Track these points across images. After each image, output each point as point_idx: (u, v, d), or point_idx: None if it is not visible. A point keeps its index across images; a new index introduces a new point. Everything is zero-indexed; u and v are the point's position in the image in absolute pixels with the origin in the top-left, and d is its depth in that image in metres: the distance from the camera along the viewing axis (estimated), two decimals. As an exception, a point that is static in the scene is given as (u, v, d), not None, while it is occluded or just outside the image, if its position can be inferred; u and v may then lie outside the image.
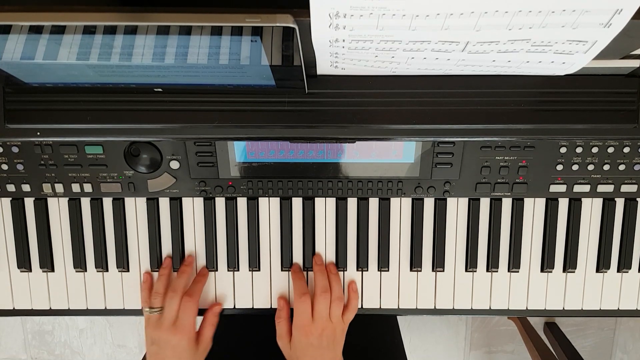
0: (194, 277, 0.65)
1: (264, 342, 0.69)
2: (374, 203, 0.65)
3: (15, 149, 0.61)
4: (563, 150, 0.61)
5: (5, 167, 0.62)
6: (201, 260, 0.66)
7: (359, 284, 0.66)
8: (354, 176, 0.63)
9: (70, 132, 0.58)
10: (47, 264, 0.65)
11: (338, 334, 0.61)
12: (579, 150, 0.61)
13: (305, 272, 0.66)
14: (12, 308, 0.67)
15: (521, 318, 1.32)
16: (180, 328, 0.59)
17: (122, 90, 0.56)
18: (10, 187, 0.63)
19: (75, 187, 0.63)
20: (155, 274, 0.65)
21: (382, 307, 0.67)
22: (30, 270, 0.66)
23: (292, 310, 0.65)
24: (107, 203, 0.64)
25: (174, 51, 0.44)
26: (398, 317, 0.91)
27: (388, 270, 0.66)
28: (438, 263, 0.65)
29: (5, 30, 0.40)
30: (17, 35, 0.41)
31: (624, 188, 0.63)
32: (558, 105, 0.57)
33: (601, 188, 0.63)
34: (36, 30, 0.41)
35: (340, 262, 0.65)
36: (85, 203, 0.64)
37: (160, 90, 0.55)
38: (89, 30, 0.41)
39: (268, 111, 0.57)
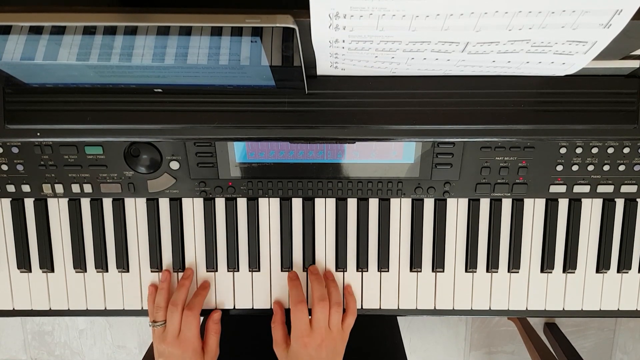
0: (195, 290, 0.65)
1: (264, 342, 0.69)
2: (373, 203, 0.65)
3: (15, 150, 0.61)
4: (563, 150, 0.61)
5: (5, 167, 0.62)
6: (201, 261, 0.66)
7: (359, 285, 0.66)
8: (353, 176, 0.63)
9: (70, 133, 0.58)
10: (47, 264, 0.65)
11: (338, 344, 0.60)
12: (578, 150, 0.61)
13: (305, 273, 0.66)
14: (12, 308, 0.66)
15: (521, 318, 1.32)
16: (184, 341, 0.59)
17: (122, 90, 0.56)
18: (10, 188, 0.63)
19: (75, 188, 0.63)
20: (155, 278, 0.65)
21: (382, 308, 0.66)
22: (30, 271, 0.66)
23: (288, 310, 0.65)
24: (107, 203, 0.64)
25: (174, 52, 0.44)
26: (398, 317, 0.91)
27: (388, 271, 0.66)
28: (438, 263, 0.65)
29: (5, 30, 0.40)
30: (17, 36, 0.41)
31: (624, 188, 0.63)
32: (558, 105, 0.57)
33: (601, 188, 0.63)
34: (36, 30, 0.41)
35: (340, 263, 0.65)
36: (85, 203, 0.64)
37: (160, 90, 0.55)
38: (89, 31, 0.41)
39: (268, 112, 0.57)
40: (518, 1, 0.36)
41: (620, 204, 0.65)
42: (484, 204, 0.65)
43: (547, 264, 0.65)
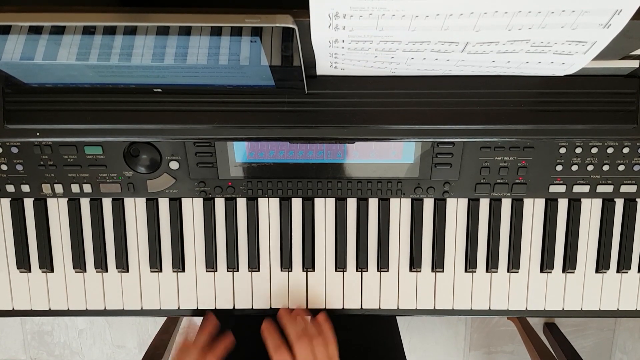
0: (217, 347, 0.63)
1: (263, 343, 0.69)
2: (373, 203, 0.65)
3: (14, 150, 0.61)
4: (562, 150, 0.61)
5: (4, 167, 0.62)
6: (200, 261, 0.65)
7: (358, 285, 0.66)
8: (353, 176, 0.63)
9: (70, 133, 0.58)
10: (47, 264, 0.65)
11: None
12: (578, 150, 0.61)
13: (305, 273, 0.66)
14: (11, 309, 0.66)
15: (521, 318, 1.32)
16: None
17: (122, 90, 0.56)
18: (10, 188, 0.63)
19: (75, 188, 0.63)
20: (155, 278, 0.65)
21: (381, 308, 0.66)
22: (30, 271, 0.66)
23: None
24: (107, 203, 0.64)
25: (174, 52, 0.44)
26: (397, 317, 0.91)
27: (387, 271, 0.66)
28: (437, 263, 0.65)
29: (5, 30, 0.40)
30: (17, 36, 0.41)
31: (624, 188, 0.63)
32: (557, 105, 0.57)
33: (600, 188, 0.63)
34: (36, 30, 0.41)
35: (340, 263, 0.65)
36: (85, 203, 0.64)
37: (159, 90, 0.55)
38: (89, 31, 0.41)
39: (268, 111, 0.57)
40: (518, 1, 0.36)
41: (619, 204, 0.65)
42: (484, 204, 0.65)
43: (546, 264, 0.65)
